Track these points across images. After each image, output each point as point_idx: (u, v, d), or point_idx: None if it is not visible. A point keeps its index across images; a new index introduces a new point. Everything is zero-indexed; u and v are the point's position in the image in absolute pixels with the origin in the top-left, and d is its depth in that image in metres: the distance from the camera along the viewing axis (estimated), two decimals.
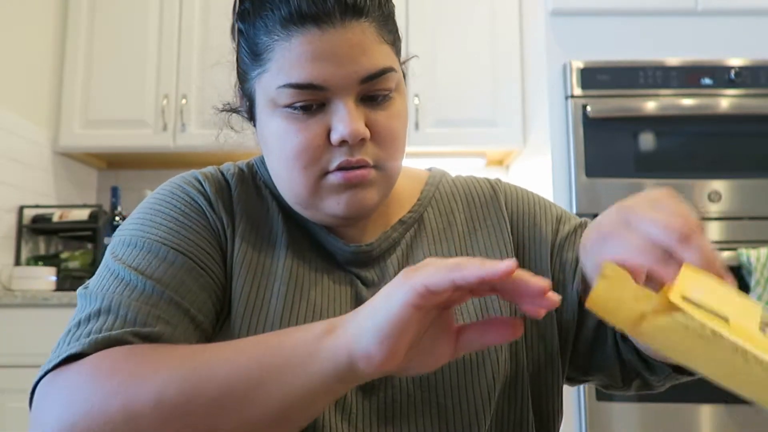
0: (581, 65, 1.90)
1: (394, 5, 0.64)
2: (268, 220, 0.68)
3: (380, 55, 0.59)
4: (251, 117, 0.67)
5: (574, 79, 1.90)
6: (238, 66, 0.66)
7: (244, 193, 0.69)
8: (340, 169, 0.60)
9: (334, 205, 0.61)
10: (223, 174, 0.70)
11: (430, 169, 0.79)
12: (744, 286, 1.77)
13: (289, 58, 0.58)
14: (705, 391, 1.77)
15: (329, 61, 0.57)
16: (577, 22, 1.97)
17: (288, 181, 0.62)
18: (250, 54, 0.62)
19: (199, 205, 0.65)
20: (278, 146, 0.61)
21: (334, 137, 0.58)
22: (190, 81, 2.31)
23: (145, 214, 0.64)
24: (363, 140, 0.59)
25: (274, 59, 0.59)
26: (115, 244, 0.63)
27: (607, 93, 1.89)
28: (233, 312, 0.62)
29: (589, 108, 1.86)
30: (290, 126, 0.60)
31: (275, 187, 0.70)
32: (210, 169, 0.71)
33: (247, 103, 0.66)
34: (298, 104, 0.59)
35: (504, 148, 2.34)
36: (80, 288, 0.60)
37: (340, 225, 0.66)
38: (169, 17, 2.36)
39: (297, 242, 0.67)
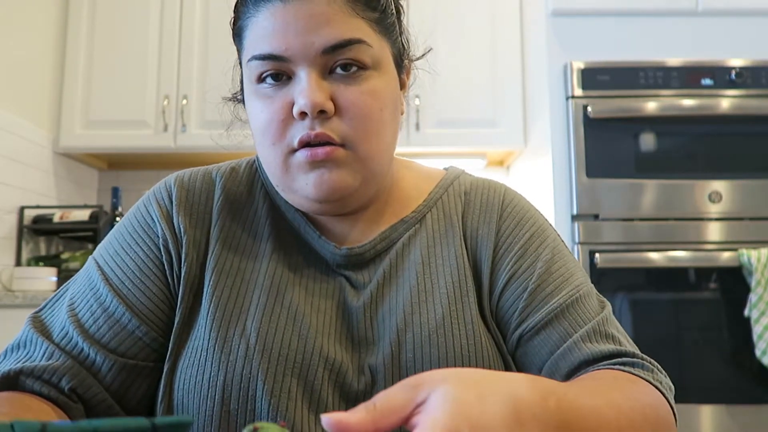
0: (582, 66, 1.90)
1: None
2: (254, 223, 0.67)
3: (348, 27, 0.58)
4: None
5: (575, 79, 1.90)
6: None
7: (231, 195, 0.68)
8: (306, 146, 0.58)
9: (303, 186, 0.60)
10: (212, 175, 0.70)
11: (447, 169, 0.76)
12: (744, 287, 1.77)
13: (256, 31, 0.59)
14: (706, 391, 1.77)
15: (289, 32, 0.57)
16: (578, 23, 1.97)
17: (265, 160, 0.62)
18: (236, 35, 0.64)
19: (154, 220, 0.66)
20: (253, 125, 0.62)
21: (294, 109, 0.58)
22: (191, 82, 2.31)
23: (113, 234, 0.67)
24: (325, 114, 0.58)
25: (247, 36, 0.61)
26: (89, 259, 0.67)
27: (608, 93, 1.89)
28: (206, 318, 0.61)
29: (589, 108, 1.86)
30: (259, 102, 0.60)
31: (272, 186, 0.69)
32: (195, 170, 0.70)
33: (242, 92, 0.67)
34: (265, 79, 0.59)
35: (504, 149, 2.34)
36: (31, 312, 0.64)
37: (320, 211, 0.64)
38: (169, 18, 2.36)
39: (284, 246, 0.66)
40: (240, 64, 0.66)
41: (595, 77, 1.89)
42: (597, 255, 1.79)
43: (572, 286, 0.64)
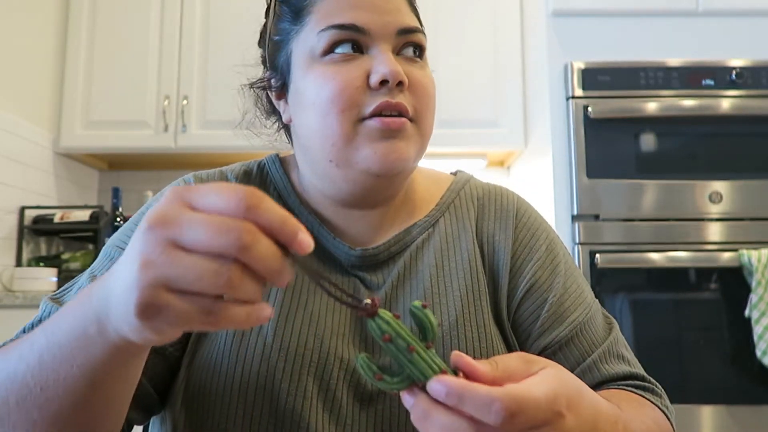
0: (582, 66, 1.90)
1: None
2: None
3: (412, 17, 0.64)
4: (282, 90, 0.67)
5: (576, 79, 1.90)
6: (271, 39, 0.67)
7: None
8: (377, 116, 0.60)
9: (369, 156, 0.60)
10: (227, 176, 0.70)
11: (455, 173, 0.77)
12: (745, 287, 1.77)
13: (332, 6, 0.62)
14: (706, 392, 1.77)
15: (370, 9, 0.61)
16: (578, 23, 1.97)
17: (323, 131, 0.61)
18: (290, 15, 0.65)
19: None
20: (315, 95, 0.61)
21: (374, 78, 0.59)
22: (191, 82, 2.31)
23: (132, 222, 0.67)
24: (401, 86, 0.60)
25: (315, 11, 0.62)
26: (106, 246, 0.66)
27: (609, 94, 1.88)
28: None
29: (590, 109, 1.86)
30: (328, 71, 0.61)
31: (284, 187, 0.70)
32: (211, 171, 0.71)
33: (280, 77, 0.67)
34: (338, 48, 0.61)
35: (505, 149, 2.34)
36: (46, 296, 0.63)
37: (371, 188, 0.63)
38: (170, 18, 2.36)
39: None
40: (281, 46, 0.66)
41: (595, 77, 1.89)
42: (597, 255, 1.79)
43: (586, 303, 0.68)
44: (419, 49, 0.64)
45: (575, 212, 1.85)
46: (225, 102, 2.24)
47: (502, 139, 2.29)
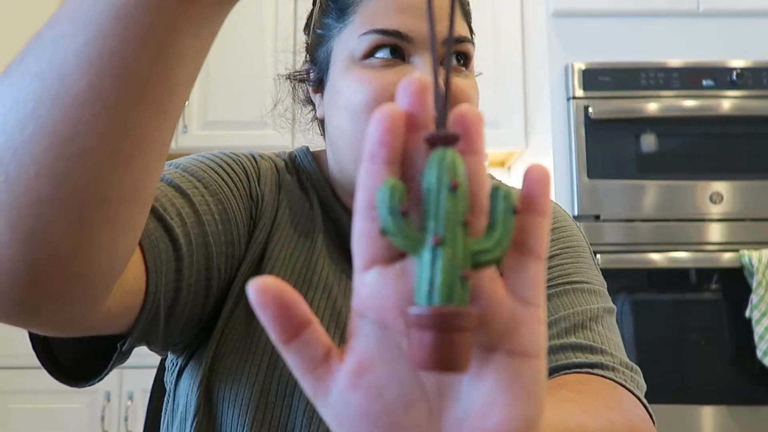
0: (583, 66, 1.90)
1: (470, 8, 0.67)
2: (310, 216, 0.67)
3: (463, 26, 0.62)
4: (319, 86, 0.66)
5: (576, 80, 1.90)
6: (314, 30, 0.66)
7: (290, 183, 0.68)
8: None
9: None
10: (272, 160, 0.70)
11: None
12: (746, 288, 1.77)
13: (376, 8, 0.60)
14: (707, 392, 1.77)
15: (416, 15, 0.58)
16: (579, 24, 1.97)
17: (353, 135, 0.60)
18: (335, 11, 0.63)
19: (245, 169, 0.64)
20: (349, 98, 0.60)
21: None
22: None
23: (191, 158, 0.62)
24: None
25: (359, 12, 0.60)
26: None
27: (609, 94, 1.89)
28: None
29: (590, 109, 1.86)
30: (366, 75, 0.59)
31: (317, 179, 0.69)
32: (256, 152, 0.70)
33: (318, 72, 0.66)
34: (378, 52, 0.59)
35: (506, 150, 2.34)
36: None
37: None
38: None
39: (331, 243, 0.66)
40: (322, 41, 0.65)
41: (596, 78, 1.89)
42: (598, 256, 1.79)
43: (570, 279, 0.64)
44: (465, 58, 0.62)
45: (576, 213, 1.85)
46: (226, 103, 2.25)
47: (503, 139, 2.29)
